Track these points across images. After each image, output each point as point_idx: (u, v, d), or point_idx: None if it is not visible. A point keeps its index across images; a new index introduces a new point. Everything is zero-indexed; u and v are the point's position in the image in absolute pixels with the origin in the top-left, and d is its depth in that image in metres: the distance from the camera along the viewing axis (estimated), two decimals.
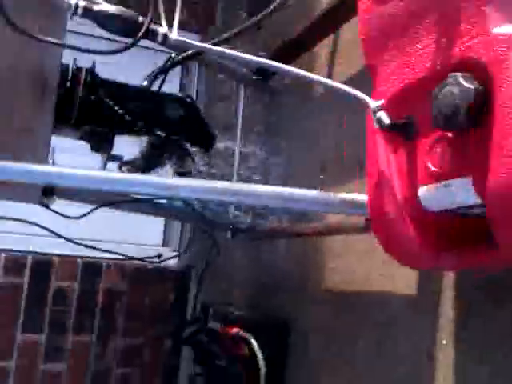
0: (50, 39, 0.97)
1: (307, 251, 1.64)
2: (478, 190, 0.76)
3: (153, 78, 1.45)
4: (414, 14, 0.86)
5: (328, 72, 1.66)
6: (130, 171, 1.45)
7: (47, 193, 1.09)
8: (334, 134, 1.58)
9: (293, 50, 1.65)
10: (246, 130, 1.92)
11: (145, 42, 1.13)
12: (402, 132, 0.87)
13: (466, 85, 0.73)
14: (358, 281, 1.41)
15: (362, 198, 1.04)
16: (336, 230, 1.33)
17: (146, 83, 1.50)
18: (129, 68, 1.72)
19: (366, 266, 1.39)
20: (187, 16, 2.38)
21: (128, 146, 1.55)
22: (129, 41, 0.96)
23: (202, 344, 1.74)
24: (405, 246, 0.91)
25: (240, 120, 1.82)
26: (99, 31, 0.98)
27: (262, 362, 1.44)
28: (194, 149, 1.63)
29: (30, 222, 1.33)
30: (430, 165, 0.83)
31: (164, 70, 1.46)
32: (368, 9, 0.97)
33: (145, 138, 1.54)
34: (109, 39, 1.33)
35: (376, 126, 0.89)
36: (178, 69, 2.40)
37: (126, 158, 1.53)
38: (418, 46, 0.85)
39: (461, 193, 0.78)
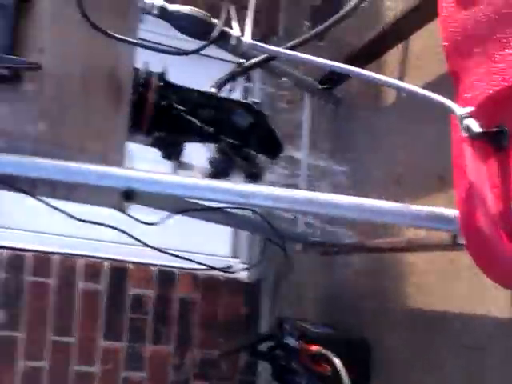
0: (125, 38, 0.97)
1: (385, 267, 1.56)
2: None
3: (221, 84, 1.43)
4: (502, 19, 0.81)
5: (400, 80, 1.57)
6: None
7: (127, 197, 1.09)
8: (407, 145, 1.49)
9: (360, 60, 1.59)
10: (311, 139, 1.86)
11: (206, 50, 1.12)
12: (494, 141, 0.79)
13: None
14: (442, 300, 1.31)
15: (451, 212, 0.96)
16: (419, 246, 1.24)
17: (214, 90, 1.48)
18: (189, 76, 1.72)
19: (451, 285, 1.29)
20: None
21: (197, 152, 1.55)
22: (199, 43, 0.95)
23: (280, 360, 1.70)
24: (501, 264, 0.82)
25: (306, 129, 1.76)
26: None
27: (346, 381, 1.38)
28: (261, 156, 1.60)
29: (119, 229, 1.34)
30: None
31: (231, 77, 1.44)
32: (451, 14, 0.92)
33: (213, 145, 1.53)
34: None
35: (464, 134, 0.81)
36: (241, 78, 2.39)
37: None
38: (508, 51, 0.78)
39: None
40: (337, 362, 1.43)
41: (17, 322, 2.05)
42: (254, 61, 1.42)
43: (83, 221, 1.33)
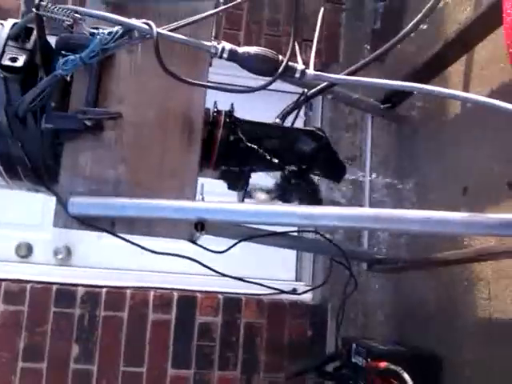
0: (197, 82, 1.05)
1: (453, 280, 1.55)
2: None
3: (285, 114, 1.50)
4: None
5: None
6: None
7: (198, 228, 1.16)
8: (473, 155, 1.51)
9: (423, 75, 1.62)
10: (375, 159, 1.89)
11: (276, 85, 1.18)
12: None
13: None
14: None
15: None
16: (488, 255, 1.25)
17: (278, 120, 1.56)
18: (255, 109, 1.80)
19: None
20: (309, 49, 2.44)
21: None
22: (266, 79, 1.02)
23: (347, 379, 1.70)
24: None
25: (369, 149, 1.80)
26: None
27: None
28: (326, 180, 1.65)
29: (192, 259, 1.41)
30: None
31: (296, 106, 1.51)
32: None
33: (278, 173, 1.59)
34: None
35: None
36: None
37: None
38: None
39: None
40: (406, 377, 1.42)
41: (92, 355, 2.14)
42: (315, 89, 1.48)
43: (159, 253, 1.41)
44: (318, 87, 1.54)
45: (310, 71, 0.98)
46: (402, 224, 1.04)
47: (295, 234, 1.66)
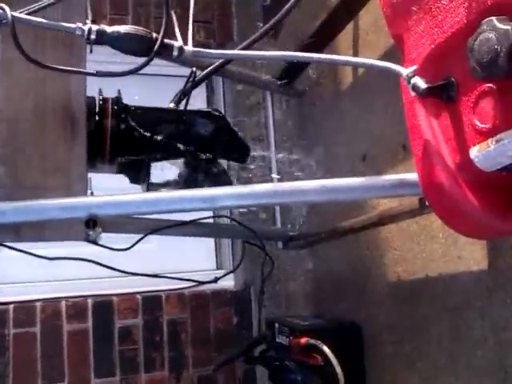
0: (65, 68, 0.96)
1: (362, 248, 1.58)
2: None
3: (178, 97, 1.44)
4: None
5: None
6: None
7: (90, 225, 1.08)
8: (369, 121, 1.53)
9: (314, 46, 1.62)
10: (279, 136, 1.89)
11: (169, 70, 1.11)
12: (442, 94, 0.81)
13: (503, 26, 0.68)
14: (420, 269, 1.34)
15: (412, 176, 0.98)
16: (390, 217, 1.26)
17: (172, 105, 1.49)
18: (152, 99, 1.73)
19: (426, 252, 1.32)
20: (205, 36, 2.39)
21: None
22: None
23: (273, 360, 1.69)
24: (467, 215, 0.84)
25: (271, 126, 1.79)
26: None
27: (338, 368, 1.37)
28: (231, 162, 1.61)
29: (88, 260, 1.33)
30: (477, 122, 0.77)
31: (188, 89, 1.45)
32: None
33: (180, 161, 1.53)
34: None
35: (412, 93, 0.83)
36: (202, 88, 2.42)
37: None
38: (444, 2, 0.80)
39: None
40: (325, 349, 1.43)
41: (5, 378, 1.99)
42: (206, 70, 1.43)
43: (54, 258, 1.32)
44: (209, 68, 1.49)
45: (189, 48, 0.93)
46: (300, 195, 1.02)
47: (207, 220, 1.62)
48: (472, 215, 0.83)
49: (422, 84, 0.81)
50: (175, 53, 0.94)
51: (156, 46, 0.92)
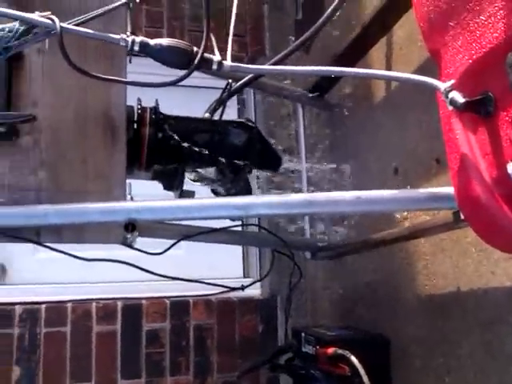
0: (108, 77, 1.00)
1: (393, 260, 1.58)
2: None
3: (214, 107, 1.47)
4: None
5: None
6: None
7: (129, 229, 1.11)
8: (402, 136, 1.53)
9: (346, 60, 1.63)
10: (310, 148, 1.90)
11: (203, 82, 1.13)
12: (480, 109, 0.82)
13: None
14: (452, 282, 1.33)
15: (447, 189, 0.99)
16: (422, 230, 1.26)
17: (207, 115, 1.52)
18: (188, 110, 1.77)
19: (459, 267, 1.31)
20: (237, 50, 2.43)
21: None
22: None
23: (299, 369, 1.69)
24: (504, 230, 0.84)
25: (302, 138, 1.81)
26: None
27: (365, 378, 1.37)
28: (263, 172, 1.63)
29: (126, 263, 1.36)
30: None
31: (223, 99, 1.48)
32: None
33: (212, 170, 1.56)
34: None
35: (450, 108, 0.84)
36: (234, 101, 2.45)
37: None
38: (482, 17, 0.81)
39: None
40: (353, 359, 1.43)
41: (35, 376, 2.04)
42: (241, 82, 1.46)
43: (93, 260, 1.35)
44: (242, 81, 1.52)
45: (227, 62, 0.95)
46: (334, 206, 1.04)
47: (237, 228, 1.64)
48: (508, 228, 0.83)
49: (459, 98, 0.82)
50: (214, 67, 0.96)
51: (196, 60, 0.94)
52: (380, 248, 1.52)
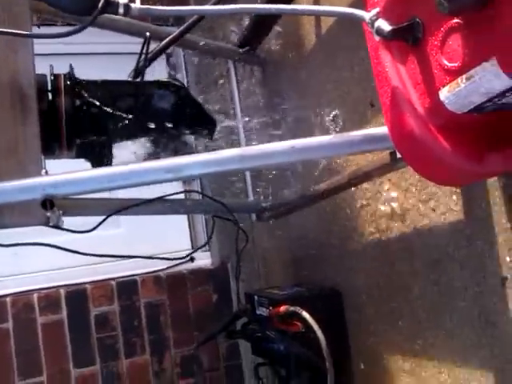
0: (7, 30, 0.89)
1: (336, 212, 1.56)
2: (506, 70, 0.66)
3: (137, 71, 1.37)
4: None
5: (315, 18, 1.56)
6: None
7: (47, 206, 1.01)
8: (336, 81, 1.49)
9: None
10: (245, 106, 1.84)
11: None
12: (408, 36, 0.78)
13: None
14: (396, 225, 1.32)
15: (382, 129, 0.95)
16: (361, 176, 1.23)
17: (130, 79, 1.43)
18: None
19: (401, 208, 1.30)
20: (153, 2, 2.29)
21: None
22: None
23: (254, 332, 1.66)
24: (441, 161, 0.81)
25: (237, 97, 1.74)
26: None
27: (319, 333, 1.36)
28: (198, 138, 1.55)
29: (46, 244, 1.27)
30: (445, 62, 0.74)
31: (144, 61, 1.38)
32: None
33: (142, 140, 1.47)
34: None
35: (377, 38, 0.79)
36: (164, 65, 2.34)
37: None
38: None
39: (487, 80, 0.68)
40: (305, 314, 1.41)
41: None
42: (165, 40, 1.36)
43: (9, 245, 1.25)
44: (168, 38, 1.43)
45: (136, 5, 0.86)
46: (269, 158, 0.98)
47: (175, 197, 1.56)
48: (445, 160, 0.80)
49: (386, 26, 0.77)
50: (121, 10, 0.87)
51: (100, 4, 0.85)
52: (322, 201, 1.49)
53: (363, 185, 1.37)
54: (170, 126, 1.43)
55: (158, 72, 1.44)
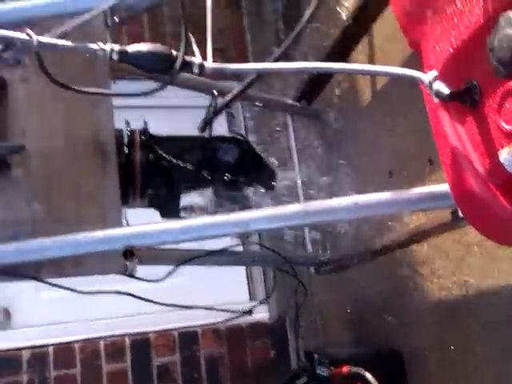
0: (88, 89, 0.98)
1: (396, 268, 1.55)
2: None
3: (203, 125, 1.46)
4: None
5: None
6: None
7: (128, 256, 1.09)
8: (393, 136, 1.52)
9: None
10: (303, 156, 1.89)
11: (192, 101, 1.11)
12: (466, 98, 0.81)
13: None
14: (458, 284, 1.30)
15: (442, 187, 0.97)
16: (422, 233, 1.24)
17: (197, 133, 1.52)
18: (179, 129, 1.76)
19: (463, 267, 1.28)
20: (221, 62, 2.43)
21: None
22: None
23: None
24: (502, 221, 0.82)
25: (294, 149, 1.80)
26: None
27: None
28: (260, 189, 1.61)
29: (124, 293, 1.33)
30: (503, 124, 0.76)
31: (211, 115, 1.47)
32: None
33: (208, 190, 1.54)
34: None
35: (436, 100, 0.83)
36: (223, 116, 2.45)
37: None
38: (458, 3, 0.80)
39: None
40: (368, 376, 1.39)
41: None
42: (228, 96, 1.45)
43: (89, 293, 1.32)
44: (230, 94, 1.52)
45: (209, 64, 0.93)
46: (332, 214, 1.02)
47: (237, 248, 1.61)
48: (505, 219, 0.81)
49: (444, 89, 0.81)
50: (195, 69, 0.93)
51: (178, 63, 0.91)
52: (382, 257, 1.49)
53: (423, 241, 1.37)
54: (233, 177, 1.50)
55: (217, 123, 1.52)
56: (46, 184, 1.13)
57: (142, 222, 1.09)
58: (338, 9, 1.66)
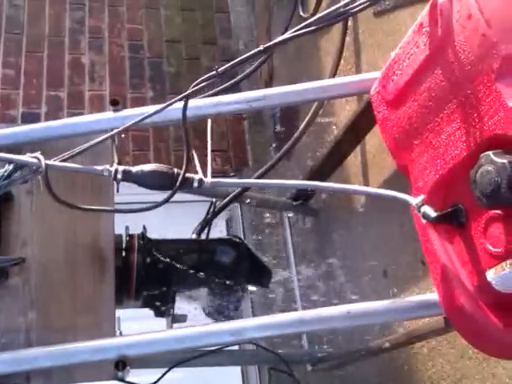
0: (91, 207, 1.02)
1: (393, 366, 1.54)
2: None
3: (201, 228, 1.50)
4: (430, 110, 0.89)
5: (364, 179, 1.69)
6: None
7: (120, 367, 1.07)
8: (387, 236, 1.56)
9: (323, 172, 1.71)
10: (299, 254, 1.92)
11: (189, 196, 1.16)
12: (452, 220, 0.85)
13: (500, 160, 0.73)
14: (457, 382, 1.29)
15: (435, 295, 0.99)
16: (418, 336, 1.25)
17: (194, 235, 1.55)
18: (174, 224, 1.78)
19: (459, 368, 1.28)
20: (221, 164, 2.52)
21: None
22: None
23: None
24: (492, 337, 0.84)
25: (291, 248, 1.83)
26: None
27: None
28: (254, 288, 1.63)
29: None
30: (489, 247, 0.80)
31: (209, 219, 1.52)
32: (385, 116, 1.01)
33: (203, 290, 1.55)
34: None
35: (424, 221, 0.87)
36: (222, 215, 2.49)
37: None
38: (443, 136, 0.87)
39: None
40: None
41: None
42: (226, 199, 1.50)
43: None
44: (229, 196, 1.57)
45: (208, 179, 0.98)
46: (326, 323, 1.03)
47: (232, 348, 1.60)
48: (496, 336, 0.83)
49: (431, 212, 0.85)
50: (195, 185, 0.98)
51: (179, 181, 0.96)
52: (380, 355, 1.48)
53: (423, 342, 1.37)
54: (229, 277, 1.51)
55: (215, 224, 1.56)
56: (44, 292, 1.15)
57: (136, 332, 1.09)
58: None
